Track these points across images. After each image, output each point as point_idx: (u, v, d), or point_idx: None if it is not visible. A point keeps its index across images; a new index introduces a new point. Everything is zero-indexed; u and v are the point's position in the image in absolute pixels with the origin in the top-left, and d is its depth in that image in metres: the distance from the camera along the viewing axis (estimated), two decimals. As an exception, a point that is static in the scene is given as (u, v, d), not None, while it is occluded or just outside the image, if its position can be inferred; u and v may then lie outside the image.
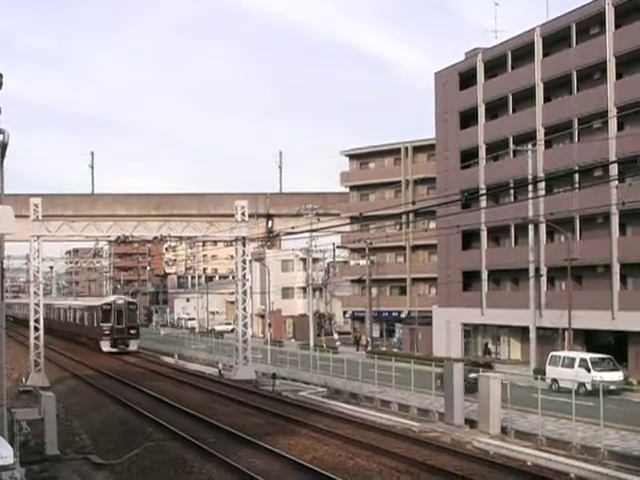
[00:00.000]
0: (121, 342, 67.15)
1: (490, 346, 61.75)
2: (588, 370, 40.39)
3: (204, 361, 59.41)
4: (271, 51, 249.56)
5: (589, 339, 51.51)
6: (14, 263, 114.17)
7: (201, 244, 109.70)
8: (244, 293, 49.83)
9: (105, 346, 66.56)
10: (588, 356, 42.58)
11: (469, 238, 62.64)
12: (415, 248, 77.38)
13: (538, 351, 51.60)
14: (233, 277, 62.87)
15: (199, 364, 58.10)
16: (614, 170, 46.43)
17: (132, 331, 68.34)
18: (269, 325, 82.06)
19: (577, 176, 51.04)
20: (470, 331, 62.99)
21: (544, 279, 54.32)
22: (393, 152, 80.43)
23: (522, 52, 57.17)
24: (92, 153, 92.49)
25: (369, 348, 67.95)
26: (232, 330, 67.41)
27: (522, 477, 22.11)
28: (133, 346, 67.81)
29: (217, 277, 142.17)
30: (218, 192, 77.01)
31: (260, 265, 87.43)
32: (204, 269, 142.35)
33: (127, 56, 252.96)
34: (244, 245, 48.93)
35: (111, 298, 72.93)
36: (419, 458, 24.00)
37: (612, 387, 37.65)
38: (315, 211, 69.19)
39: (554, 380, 40.80)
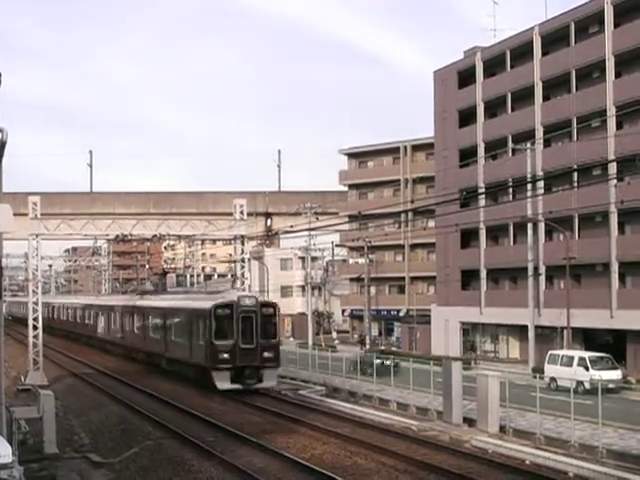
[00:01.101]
0: (251, 374, 38.78)
1: (489, 345, 61.83)
2: (587, 369, 40.48)
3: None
4: (271, 50, 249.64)
5: (588, 338, 51.56)
6: (13, 261, 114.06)
7: (200, 242, 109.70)
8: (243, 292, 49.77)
9: (221, 380, 38.31)
10: (587, 355, 42.65)
11: (468, 237, 62.69)
12: (414, 247, 77.44)
13: (537, 350, 51.68)
14: (232, 276, 62.84)
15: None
16: (613, 169, 46.49)
17: (268, 354, 39.48)
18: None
19: (576, 175, 51.10)
20: (469, 330, 63.03)
21: (543, 278, 54.39)
22: (392, 151, 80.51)
23: (521, 51, 57.23)
24: (90, 152, 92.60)
25: (367, 347, 67.91)
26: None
27: (520, 476, 22.11)
28: (270, 380, 39.64)
29: (216, 276, 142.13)
30: (217, 190, 77.11)
31: (259, 264, 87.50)
32: (203, 268, 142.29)
33: (127, 54, 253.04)
34: (243, 244, 48.92)
35: (231, 295, 42.14)
36: (418, 457, 23.99)
37: (611, 386, 37.72)
38: (314, 210, 69.21)
39: (552, 379, 40.87)
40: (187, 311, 43.50)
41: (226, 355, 38.58)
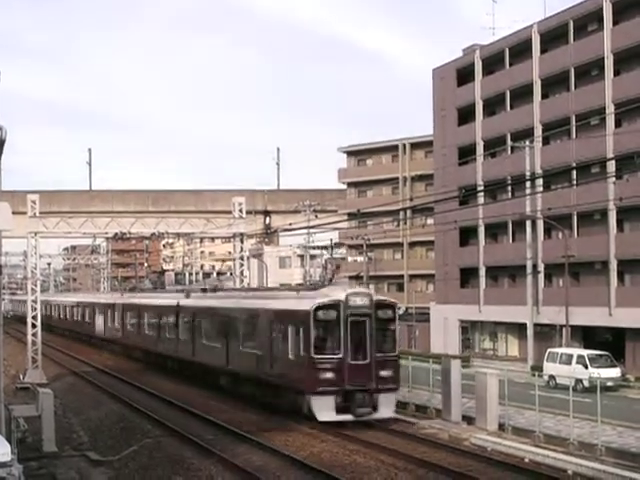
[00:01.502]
0: (363, 400, 28.93)
1: (488, 342, 61.86)
2: (586, 367, 40.50)
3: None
4: (270, 48, 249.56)
5: (587, 336, 51.58)
6: (12, 260, 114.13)
7: (199, 240, 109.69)
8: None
9: (324, 408, 28.60)
10: (586, 353, 42.67)
11: (467, 235, 62.69)
12: (413, 245, 77.47)
13: (536, 348, 51.70)
14: (231, 274, 62.82)
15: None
16: (612, 167, 46.51)
17: (386, 372, 29.62)
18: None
19: (575, 173, 51.13)
20: (468, 328, 63.03)
21: (541, 276, 54.40)
22: (390, 149, 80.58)
23: (520, 49, 57.24)
24: (89, 150, 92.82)
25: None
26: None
27: (520, 474, 22.11)
28: (387, 408, 29.49)
29: (215, 274, 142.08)
30: (216, 189, 77.12)
31: (258, 261, 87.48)
32: (202, 266, 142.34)
33: (127, 52, 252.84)
34: (242, 242, 48.90)
35: (337, 292, 30.43)
36: (417, 455, 23.98)
37: (609, 384, 37.76)
38: (313, 208, 69.23)
39: (551, 377, 40.84)
40: (269, 313, 32.90)
41: (330, 375, 28.77)
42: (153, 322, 50.13)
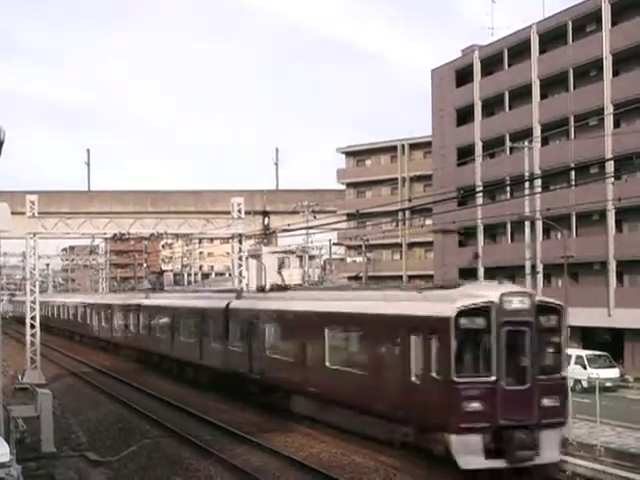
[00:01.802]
0: (523, 441, 20.33)
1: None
2: (584, 367, 40.47)
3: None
4: (271, 48, 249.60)
5: (585, 336, 51.57)
6: (10, 260, 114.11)
7: (197, 241, 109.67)
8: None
9: (469, 451, 20.24)
10: (584, 353, 42.66)
11: (466, 235, 62.66)
12: (411, 245, 77.45)
13: (534, 348, 51.56)
14: (229, 274, 62.77)
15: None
16: (610, 167, 46.52)
17: (551, 401, 21.21)
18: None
19: (573, 173, 51.16)
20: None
21: (540, 276, 54.35)
22: (389, 149, 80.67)
23: (519, 49, 57.28)
24: (88, 150, 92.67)
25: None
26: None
27: (519, 474, 22.07)
28: (551, 450, 21.12)
29: (213, 274, 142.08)
30: (215, 189, 77.12)
31: (256, 262, 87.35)
32: (200, 266, 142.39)
33: (127, 52, 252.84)
34: (240, 242, 48.87)
35: (487, 292, 21.64)
36: (416, 455, 23.91)
37: (608, 384, 37.66)
38: (311, 208, 69.22)
39: (550, 377, 40.79)
40: (377, 319, 24.53)
41: (477, 405, 20.74)
42: (190, 328, 42.29)
